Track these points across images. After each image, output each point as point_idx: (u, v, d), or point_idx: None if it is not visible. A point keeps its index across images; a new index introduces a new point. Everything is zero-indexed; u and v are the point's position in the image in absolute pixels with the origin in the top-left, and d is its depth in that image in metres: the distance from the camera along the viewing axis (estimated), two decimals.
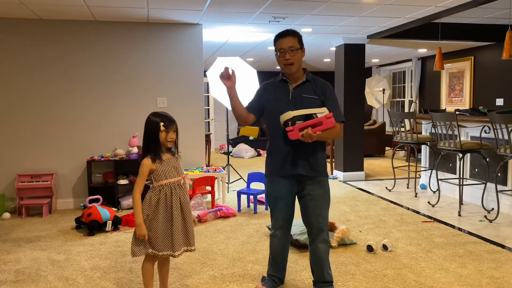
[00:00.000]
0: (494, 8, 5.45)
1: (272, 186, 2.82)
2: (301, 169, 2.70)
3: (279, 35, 2.71)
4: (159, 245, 2.58)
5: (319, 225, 2.74)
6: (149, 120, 2.61)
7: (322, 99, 2.71)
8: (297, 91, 2.73)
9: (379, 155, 10.18)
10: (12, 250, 3.88)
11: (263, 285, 2.95)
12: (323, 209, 2.75)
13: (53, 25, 5.34)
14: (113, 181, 5.36)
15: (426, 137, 5.92)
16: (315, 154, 2.72)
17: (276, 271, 2.97)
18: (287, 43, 2.67)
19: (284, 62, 2.69)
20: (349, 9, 5.10)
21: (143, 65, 5.63)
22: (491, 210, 4.93)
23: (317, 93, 2.72)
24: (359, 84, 7.06)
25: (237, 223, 4.63)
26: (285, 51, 2.66)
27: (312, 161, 2.71)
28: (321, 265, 2.79)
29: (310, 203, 2.73)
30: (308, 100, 2.70)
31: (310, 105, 2.67)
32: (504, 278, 3.13)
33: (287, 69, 2.70)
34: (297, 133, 2.53)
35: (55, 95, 5.40)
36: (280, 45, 2.69)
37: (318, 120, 2.53)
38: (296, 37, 2.70)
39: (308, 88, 2.73)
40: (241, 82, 5.96)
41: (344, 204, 5.44)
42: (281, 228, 2.86)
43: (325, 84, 2.77)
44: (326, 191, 2.78)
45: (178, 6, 4.87)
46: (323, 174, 2.77)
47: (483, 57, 8.09)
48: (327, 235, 2.79)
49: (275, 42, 2.73)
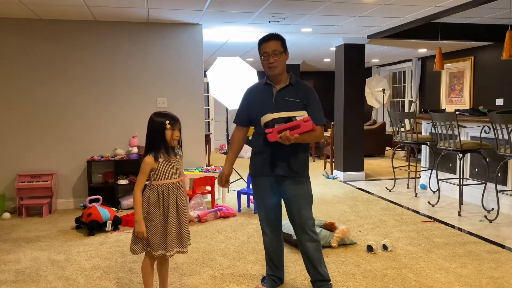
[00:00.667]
0: (494, 8, 5.45)
1: (256, 185, 2.90)
2: (280, 170, 2.76)
3: (263, 39, 2.76)
4: (156, 244, 2.60)
5: (302, 224, 2.79)
6: (153, 120, 2.61)
7: (305, 103, 2.75)
8: (280, 94, 2.77)
9: (379, 155, 10.18)
10: (12, 250, 3.88)
11: (263, 285, 2.96)
12: (304, 208, 2.78)
13: (53, 25, 5.34)
14: (113, 181, 5.36)
15: (426, 137, 5.92)
16: (295, 156, 2.77)
17: (274, 271, 2.99)
18: (270, 47, 2.71)
19: (268, 65, 2.74)
20: (349, 9, 5.10)
21: (143, 65, 5.63)
22: (491, 210, 4.93)
23: (300, 96, 2.76)
24: (359, 84, 7.06)
25: (237, 223, 4.63)
26: (269, 55, 2.71)
27: (292, 162, 2.76)
28: (313, 264, 2.80)
29: (291, 203, 2.79)
30: (290, 104, 2.74)
31: (293, 108, 2.72)
32: (504, 278, 3.13)
33: (270, 71, 2.75)
34: (275, 135, 2.57)
35: (55, 95, 5.40)
36: (264, 49, 2.74)
37: (296, 123, 2.57)
38: (280, 41, 2.74)
39: (291, 92, 2.77)
40: (241, 82, 6.02)
41: (344, 204, 5.44)
42: (270, 226, 2.92)
43: (307, 87, 2.82)
44: (307, 191, 2.81)
45: (178, 6, 4.87)
46: (303, 175, 2.80)
47: (483, 57, 8.09)
48: (313, 233, 2.80)
49: (259, 46, 2.78)
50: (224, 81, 6.06)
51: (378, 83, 10.86)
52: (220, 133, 12.11)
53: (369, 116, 11.85)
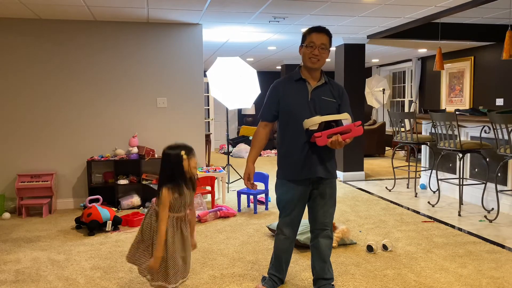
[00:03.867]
0: (494, 8, 5.45)
1: (287, 189, 2.77)
2: (320, 172, 2.71)
3: (314, 29, 2.65)
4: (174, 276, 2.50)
5: (325, 221, 2.79)
6: (167, 154, 2.51)
7: (339, 103, 2.71)
8: (316, 92, 2.69)
9: (379, 155, 10.18)
10: (12, 250, 3.88)
11: (263, 285, 2.95)
12: (331, 206, 2.81)
13: (53, 25, 5.34)
14: (113, 181, 5.36)
15: (426, 137, 5.92)
16: (331, 157, 2.76)
17: (278, 272, 2.95)
18: (320, 39, 2.63)
19: (311, 56, 2.64)
20: (349, 9, 5.10)
21: (143, 65, 5.63)
22: (491, 210, 4.93)
23: (335, 96, 2.71)
24: (359, 84, 7.06)
25: (237, 223, 4.63)
26: (316, 46, 2.62)
27: (329, 164, 2.75)
28: (323, 260, 2.80)
29: (320, 201, 2.77)
30: (326, 103, 2.68)
31: (328, 107, 2.66)
32: (504, 278, 3.13)
33: (311, 62, 2.64)
34: (325, 139, 2.51)
35: (55, 95, 5.40)
36: (312, 39, 2.63)
37: (348, 127, 2.52)
38: (329, 37, 2.68)
39: (326, 90, 2.70)
40: (241, 82, 6.02)
41: (344, 204, 5.44)
42: (289, 227, 2.84)
43: (341, 88, 2.78)
44: (335, 190, 2.85)
45: (178, 6, 4.87)
46: (335, 175, 2.85)
47: (483, 57, 8.09)
48: (331, 232, 2.83)
49: (308, 34, 2.66)
50: (224, 81, 6.05)
51: (378, 83, 10.86)
52: (220, 133, 12.11)
53: (369, 116, 11.85)
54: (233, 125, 12.41)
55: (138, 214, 4.78)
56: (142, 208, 5.31)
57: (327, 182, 2.76)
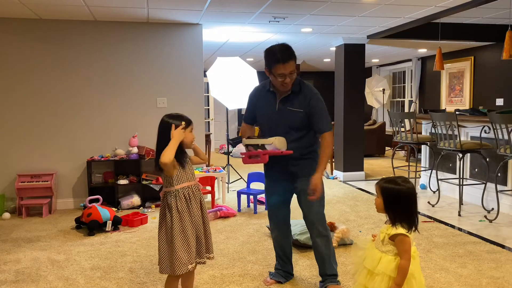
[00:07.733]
0: (494, 8, 5.45)
1: (268, 182, 2.98)
2: (294, 171, 2.82)
3: (279, 59, 2.56)
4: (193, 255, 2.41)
5: (312, 219, 2.85)
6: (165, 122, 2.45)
7: (307, 111, 2.71)
8: (283, 102, 2.76)
9: (379, 155, 10.18)
10: (12, 250, 3.88)
11: (271, 278, 3.05)
12: (315, 204, 2.81)
13: (53, 25, 5.34)
14: (113, 181, 5.36)
15: (426, 137, 5.92)
16: (308, 157, 2.82)
17: (281, 265, 3.08)
18: (288, 69, 2.59)
19: (282, 84, 2.66)
20: (349, 9, 5.10)
21: (143, 65, 5.63)
22: (491, 210, 4.93)
23: (303, 105, 2.71)
24: (359, 84, 7.06)
25: (237, 223, 4.63)
26: (286, 76, 2.62)
27: (303, 162, 2.81)
28: (322, 258, 2.88)
29: (303, 198, 2.83)
30: (291, 114, 2.74)
31: (293, 118, 2.72)
32: (504, 278, 3.13)
33: (283, 88, 2.71)
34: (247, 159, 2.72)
35: (54, 95, 5.40)
36: (280, 70, 2.59)
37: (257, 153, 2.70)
38: (294, 59, 2.64)
39: (293, 101, 2.74)
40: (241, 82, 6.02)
41: (344, 204, 5.44)
42: (277, 223, 3.01)
43: (311, 94, 2.73)
44: (320, 188, 2.80)
45: (178, 6, 4.87)
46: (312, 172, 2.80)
47: (483, 57, 8.09)
48: (323, 229, 2.85)
49: (274, 66, 2.59)
50: (224, 81, 6.05)
51: (378, 83, 10.85)
52: (220, 133, 12.10)
53: (369, 116, 11.85)
54: (233, 125, 12.41)
55: (138, 214, 4.78)
56: (142, 208, 5.31)
57: (307, 179, 2.74)
